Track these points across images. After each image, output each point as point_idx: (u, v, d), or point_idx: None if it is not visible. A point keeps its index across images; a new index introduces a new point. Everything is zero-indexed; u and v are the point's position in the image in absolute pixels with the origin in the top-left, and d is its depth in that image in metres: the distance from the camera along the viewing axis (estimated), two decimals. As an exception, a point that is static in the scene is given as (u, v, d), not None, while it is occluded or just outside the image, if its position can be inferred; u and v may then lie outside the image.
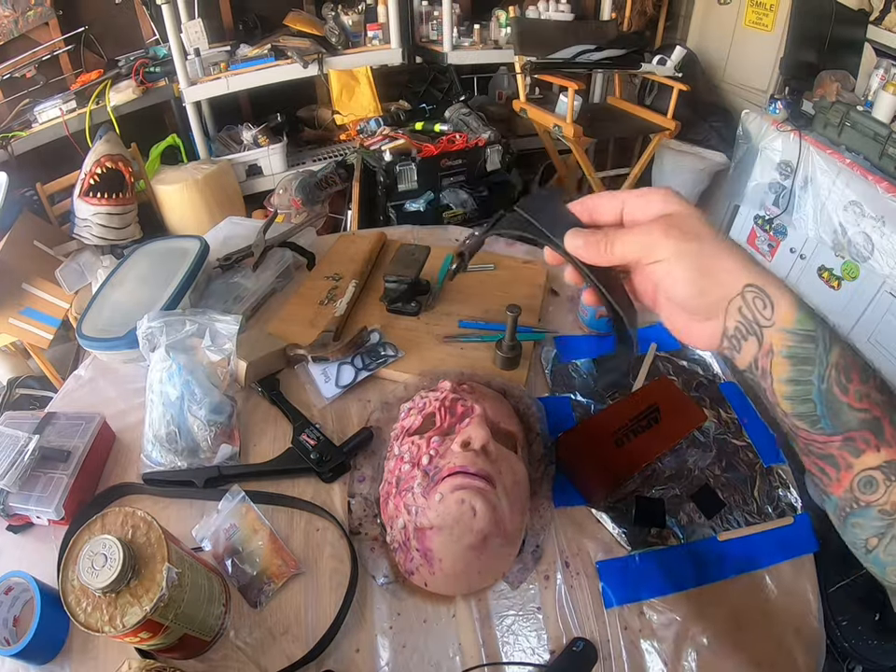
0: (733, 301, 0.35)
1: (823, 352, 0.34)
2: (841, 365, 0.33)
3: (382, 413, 0.78)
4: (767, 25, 2.43)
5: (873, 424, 0.33)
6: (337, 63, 2.41)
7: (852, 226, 1.76)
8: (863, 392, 0.33)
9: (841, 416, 0.33)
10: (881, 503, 0.33)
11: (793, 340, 0.34)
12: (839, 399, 0.33)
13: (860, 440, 0.33)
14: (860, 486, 0.33)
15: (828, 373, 0.33)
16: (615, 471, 0.69)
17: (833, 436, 0.34)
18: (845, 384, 0.33)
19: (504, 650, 0.59)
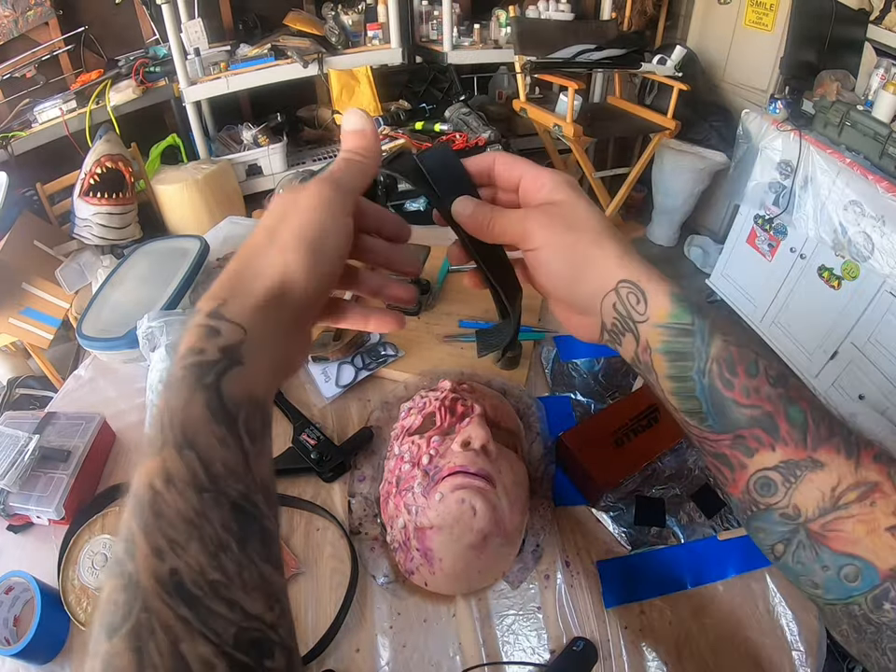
0: (607, 297, 0.33)
1: (701, 345, 0.31)
2: (723, 358, 0.31)
3: (382, 412, 0.78)
4: (767, 25, 2.43)
5: (764, 421, 0.30)
6: (337, 63, 2.41)
7: (852, 225, 1.76)
8: (751, 387, 0.30)
9: (727, 414, 0.30)
10: (782, 506, 0.30)
11: (668, 335, 0.32)
12: (723, 395, 0.30)
13: (751, 438, 0.30)
14: (756, 488, 0.30)
15: (708, 368, 0.31)
16: (615, 471, 0.69)
17: (722, 434, 0.31)
18: (728, 378, 0.30)
19: (504, 649, 0.59)
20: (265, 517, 0.25)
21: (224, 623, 0.21)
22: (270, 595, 0.24)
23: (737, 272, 2.41)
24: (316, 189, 0.30)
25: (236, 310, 0.27)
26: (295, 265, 0.28)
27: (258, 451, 0.26)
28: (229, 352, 0.25)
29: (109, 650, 0.20)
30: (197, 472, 0.23)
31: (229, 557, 0.22)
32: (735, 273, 2.43)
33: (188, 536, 0.22)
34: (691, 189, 2.70)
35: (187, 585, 0.21)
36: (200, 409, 0.24)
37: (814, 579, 0.30)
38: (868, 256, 1.72)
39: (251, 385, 0.26)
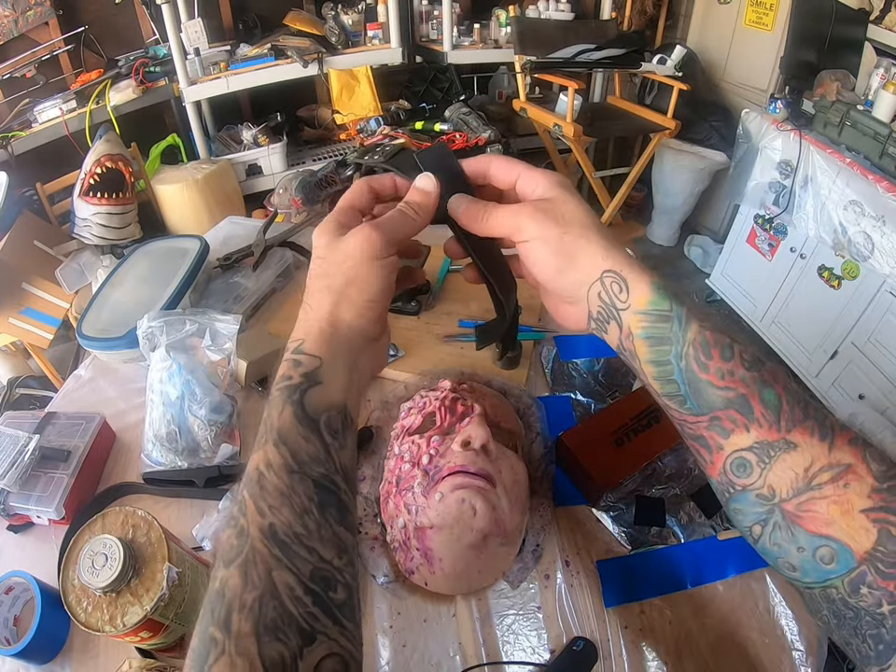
0: (593, 286, 0.36)
1: (679, 330, 0.33)
2: (698, 342, 0.32)
3: (382, 412, 0.78)
4: (767, 25, 2.43)
5: (738, 402, 0.31)
6: (337, 63, 2.41)
7: (852, 225, 1.76)
8: (726, 370, 0.32)
9: (704, 395, 0.32)
10: (757, 487, 0.31)
11: (648, 320, 0.34)
12: (699, 377, 0.32)
13: (726, 419, 0.32)
14: (732, 469, 0.32)
15: (685, 351, 0.33)
16: (615, 471, 0.69)
17: (699, 416, 0.33)
18: (704, 361, 0.32)
19: (504, 649, 0.59)
20: (343, 492, 0.33)
21: (303, 562, 0.30)
22: (340, 548, 0.32)
23: (737, 271, 2.41)
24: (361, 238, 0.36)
25: (311, 345, 0.36)
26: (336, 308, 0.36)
27: (339, 444, 0.34)
28: (309, 376, 0.34)
29: (225, 574, 0.30)
30: (287, 460, 0.32)
31: (310, 518, 0.31)
32: (735, 273, 2.43)
33: (281, 502, 0.31)
34: (691, 189, 2.70)
35: (279, 535, 0.30)
36: (289, 417, 0.33)
37: (791, 561, 0.30)
38: (868, 255, 1.72)
39: (330, 396, 0.35)
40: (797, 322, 2.11)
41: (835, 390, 1.93)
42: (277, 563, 0.30)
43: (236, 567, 0.30)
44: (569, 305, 0.39)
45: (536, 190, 0.38)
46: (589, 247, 0.36)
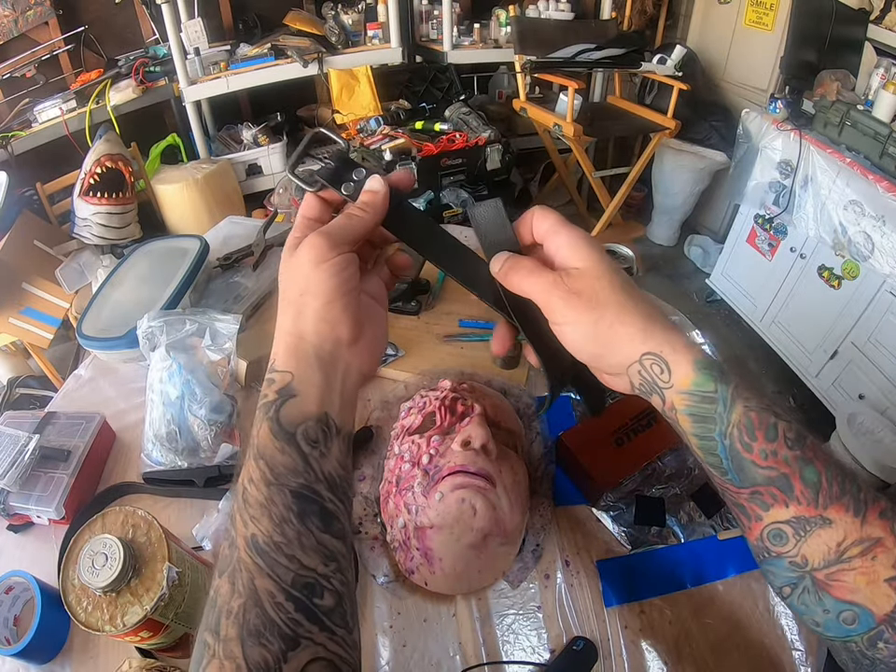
0: (632, 366, 0.36)
1: (723, 411, 0.33)
2: (743, 424, 0.33)
3: (382, 412, 0.78)
4: (767, 24, 2.43)
5: (780, 481, 0.32)
6: (337, 63, 2.41)
7: (852, 225, 1.76)
8: (769, 450, 0.32)
9: (746, 472, 0.33)
10: (791, 555, 0.32)
11: (692, 400, 0.34)
12: (743, 456, 0.33)
13: (767, 494, 0.32)
14: (769, 538, 0.33)
15: (729, 431, 0.33)
16: (615, 471, 0.69)
17: (741, 488, 0.33)
18: (748, 442, 0.33)
19: (504, 649, 0.59)
20: (326, 500, 0.34)
21: (284, 570, 0.31)
22: (326, 556, 0.33)
23: (737, 271, 2.41)
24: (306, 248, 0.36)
25: (281, 362, 0.36)
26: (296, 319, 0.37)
27: (320, 453, 0.35)
28: (282, 392, 0.35)
29: (218, 583, 0.32)
30: (265, 473, 0.33)
31: (289, 527, 0.32)
32: (736, 273, 2.43)
33: (261, 513, 0.32)
34: (691, 189, 2.70)
35: (260, 544, 0.32)
36: (266, 432, 0.34)
37: (815, 619, 0.32)
38: (868, 255, 1.72)
39: (305, 408, 0.35)
40: (797, 322, 2.11)
41: (835, 390, 1.93)
42: (259, 571, 0.31)
43: (226, 576, 0.32)
44: (610, 376, 0.39)
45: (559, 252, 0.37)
46: (626, 331, 0.35)
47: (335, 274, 0.36)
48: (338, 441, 0.36)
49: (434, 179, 2.23)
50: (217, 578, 0.32)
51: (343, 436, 0.36)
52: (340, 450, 0.36)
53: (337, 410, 0.36)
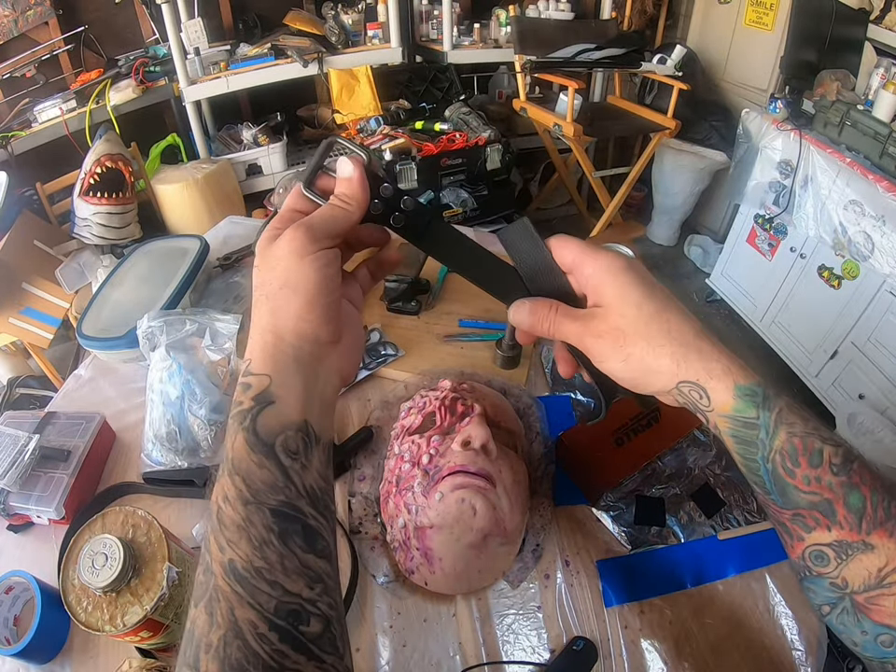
0: (671, 392, 0.36)
1: (766, 438, 0.33)
2: (786, 450, 0.33)
3: (382, 412, 0.78)
4: (767, 24, 2.43)
5: (822, 506, 0.32)
6: (337, 63, 2.41)
7: (852, 225, 1.76)
8: (812, 476, 0.32)
9: (789, 496, 0.33)
10: (832, 577, 0.32)
11: (733, 424, 0.34)
12: (785, 480, 0.33)
13: (809, 517, 0.32)
14: (811, 558, 0.33)
15: (772, 457, 0.33)
16: (615, 470, 0.69)
17: (782, 509, 0.33)
18: (791, 468, 0.32)
19: (504, 649, 0.59)
20: (309, 517, 0.31)
21: (266, 597, 0.29)
22: (311, 578, 0.30)
23: (737, 271, 2.41)
24: (287, 239, 0.34)
25: (257, 364, 0.33)
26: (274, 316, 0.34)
27: (301, 465, 0.32)
28: (259, 398, 0.32)
29: (194, 613, 0.29)
30: (242, 491, 0.30)
31: (270, 549, 0.29)
32: (736, 273, 2.43)
33: (238, 536, 0.30)
34: (691, 189, 2.70)
35: (239, 570, 0.29)
36: (242, 445, 0.31)
37: (854, 639, 0.33)
38: (868, 255, 1.72)
39: (284, 416, 0.32)
40: (797, 322, 2.11)
41: (835, 390, 1.93)
42: (239, 600, 0.28)
43: (203, 606, 0.29)
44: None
45: (590, 282, 0.36)
46: (658, 363, 0.35)
47: (319, 269, 0.33)
48: (318, 452, 0.33)
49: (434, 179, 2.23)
50: (192, 608, 0.30)
51: (323, 445, 0.34)
52: (320, 461, 0.33)
53: (317, 417, 0.34)
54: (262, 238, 0.36)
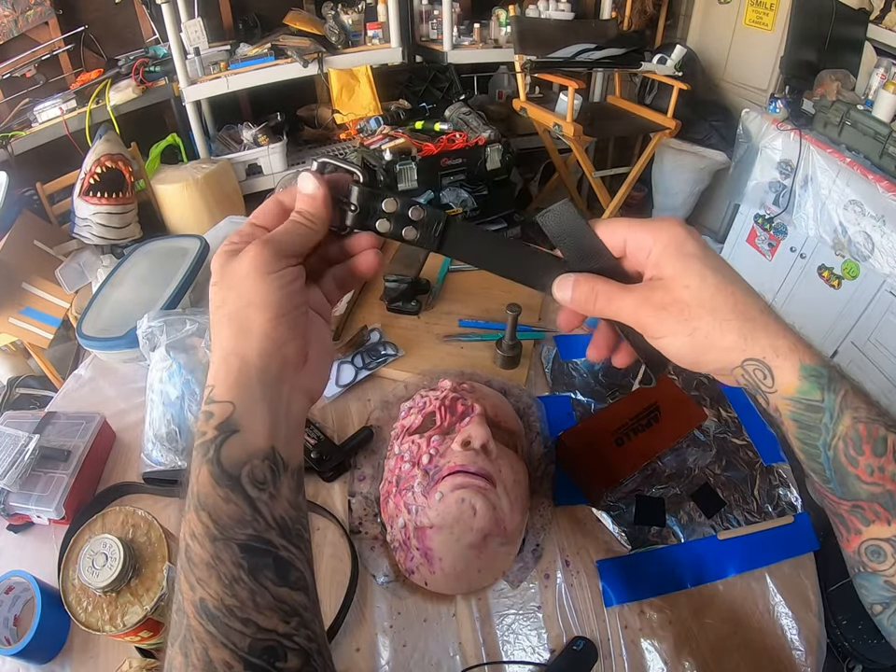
0: (734, 370, 0.33)
1: (829, 422, 0.31)
2: (850, 437, 0.31)
3: (382, 412, 0.78)
4: (767, 24, 2.43)
5: (884, 497, 0.30)
6: (337, 63, 2.41)
7: (852, 225, 1.76)
8: (876, 466, 0.30)
9: (849, 486, 0.31)
10: (888, 574, 0.31)
11: (796, 407, 0.32)
12: (847, 469, 0.31)
13: (869, 510, 0.31)
14: (867, 553, 0.32)
15: (834, 443, 0.31)
16: (615, 470, 0.69)
17: (841, 499, 0.32)
18: (854, 456, 0.31)
19: (504, 648, 0.59)
20: (281, 549, 0.30)
21: (239, 636, 0.28)
22: (286, 612, 0.29)
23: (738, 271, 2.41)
24: (250, 255, 0.32)
25: (220, 390, 0.32)
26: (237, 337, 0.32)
27: (270, 495, 0.31)
28: (222, 427, 0.31)
29: (171, 654, 0.29)
30: (209, 526, 0.29)
31: (241, 586, 0.29)
32: (735, 273, 2.42)
33: (208, 574, 0.29)
34: (691, 189, 2.70)
35: (211, 609, 0.28)
36: (207, 478, 0.30)
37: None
38: (868, 255, 1.72)
39: (250, 444, 0.31)
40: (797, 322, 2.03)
41: (835, 390, 1.93)
42: (212, 640, 0.28)
43: (178, 647, 0.28)
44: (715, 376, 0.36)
45: (649, 258, 0.34)
46: (724, 339, 0.32)
47: (282, 287, 0.32)
48: (287, 479, 0.32)
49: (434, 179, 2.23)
50: (168, 647, 0.29)
51: (292, 471, 0.33)
52: (290, 488, 0.32)
53: (284, 442, 0.33)
54: (219, 254, 0.34)
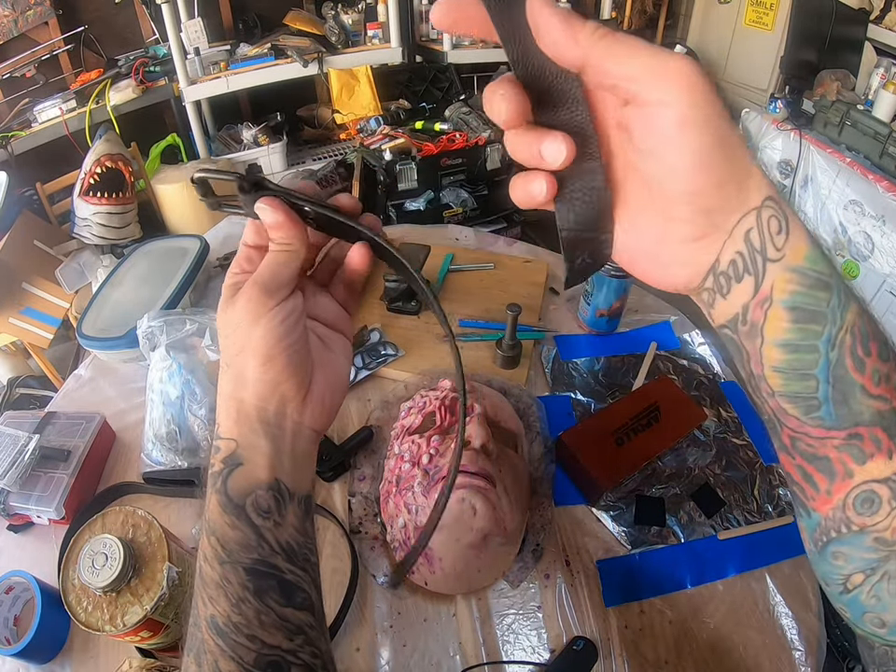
0: (745, 219, 0.24)
1: (837, 306, 0.24)
2: (858, 328, 0.24)
3: (382, 411, 0.78)
4: (767, 24, 2.43)
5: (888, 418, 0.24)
6: (337, 63, 2.41)
7: (852, 225, 1.76)
8: (884, 372, 0.24)
9: (851, 402, 0.24)
10: (879, 529, 0.25)
11: (802, 283, 0.24)
12: (852, 377, 0.24)
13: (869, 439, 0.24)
14: (856, 504, 0.25)
15: (841, 338, 0.24)
16: (615, 470, 0.69)
17: (833, 430, 0.24)
18: (861, 357, 0.24)
19: (504, 648, 0.59)
20: (286, 572, 0.32)
21: (245, 651, 0.30)
22: (290, 630, 0.31)
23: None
24: (242, 301, 0.32)
25: (225, 428, 0.34)
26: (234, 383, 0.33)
27: (274, 523, 0.32)
28: (228, 461, 0.33)
29: (186, 661, 0.31)
30: (217, 550, 0.31)
31: (247, 606, 0.30)
32: (735, 273, 2.43)
33: (218, 593, 0.31)
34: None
35: (220, 625, 0.30)
36: (216, 506, 0.32)
37: (884, 616, 0.26)
38: (868, 255, 1.72)
39: (253, 476, 0.33)
40: None
41: (835, 390, 1.93)
42: (221, 653, 0.30)
43: (193, 656, 0.31)
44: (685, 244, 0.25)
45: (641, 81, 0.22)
46: (751, 160, 0.24)
47: (274, 328, 0.32)
48: (293, 507, 0.33)
49: (434, 179, 2.23)
50: (184, 656, 0.32)
51: (299, 500, 0.34)
52: (296, 515, 0.33)
53: (289, 473, 0.33)
54: (224, 292, 0.34)
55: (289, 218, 0.32)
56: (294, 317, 0.33)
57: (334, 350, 0.36)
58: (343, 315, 0.38)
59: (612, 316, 0.89)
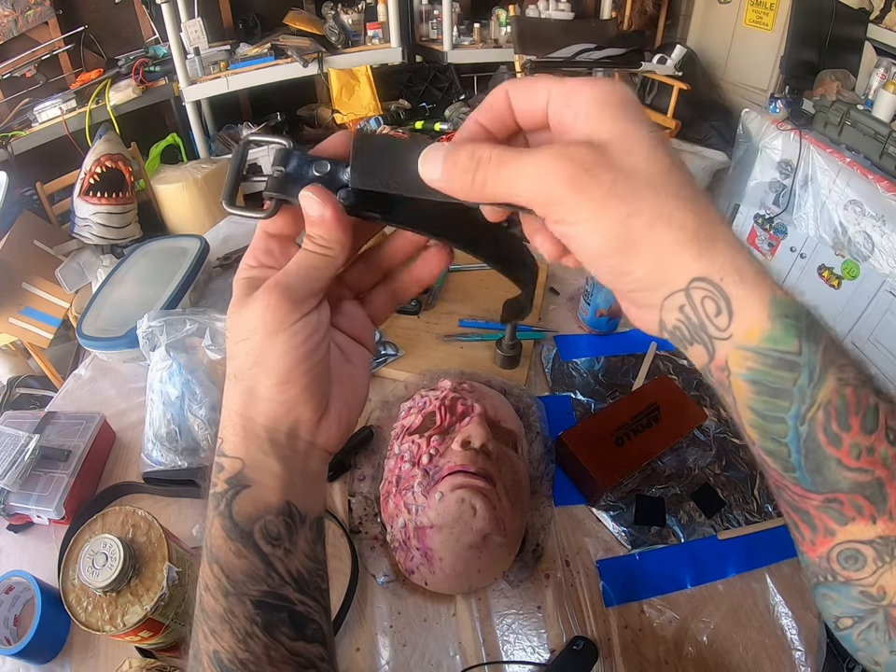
0: (672, 297, 0.23)
1: (808, 385, 0.22)
2: (834, 405, 0.22)
3: (382, 411, 0.78)
4: (767, 24, 2.43)
5: (870, 488, 0.23)
6: (337, 62, 2.41)
7: (852, 225, 1.76)
8: (864, 446, 0.23)
9: (825, 473, 0.23)
10: (865, 584, 0.24)
11: (759, 362, 0.23)
12: (826, 451, 0.23)
13: (849, 504, 0.23)
14: (840, 559, 0.25)
15: (811, 415, 0.23)
16: (615, 470, 0.69)
17: (810, 492, 0.24)
18: (837, 433, 0.23)
19: (504, 648, 0.59)
20: (297, 604, 0.29)
21: None
22: (300, 664, 0.29)
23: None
24: (261, 308, 0.27)
25: (231, 445, 0.30)
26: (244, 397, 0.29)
27: (285, 550, 0.29)
28: (233, 482, 0.29)
29: None
30: (222, 580, 0.28)
31: (255, 641, 0.28)
32: (735, 273, 2.43)
33: (222, 627, 0.28)
34: (691, 189, 2.70)
35: (224, 662, 0.28)
36: (219, 531, 0.29)
37: (877, 658, 0.26)
38: (868, 255, 1.72)
39: (262, 500, 0.29)
40: None
41: (835, 390, 1.93)
42: None
43: None
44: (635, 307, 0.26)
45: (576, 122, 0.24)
46: (672, 237, 0.22)
47: (296, 346, 0.28)
48: (304, 531, 0.30)
49: (434, 179, 2.23)
50: None
51: (311, 522, 0.31)
52: (307, 540, 0.30)
53: (301, 495, 0.30)
54: (235, 289, 0.29)
55: (338, 216, 0.27)
56: (319, 336, 0.29)
57: (354, 363, 0.33)
58: (368, 325, 0.34)
59: (612, 316, 0.89)
